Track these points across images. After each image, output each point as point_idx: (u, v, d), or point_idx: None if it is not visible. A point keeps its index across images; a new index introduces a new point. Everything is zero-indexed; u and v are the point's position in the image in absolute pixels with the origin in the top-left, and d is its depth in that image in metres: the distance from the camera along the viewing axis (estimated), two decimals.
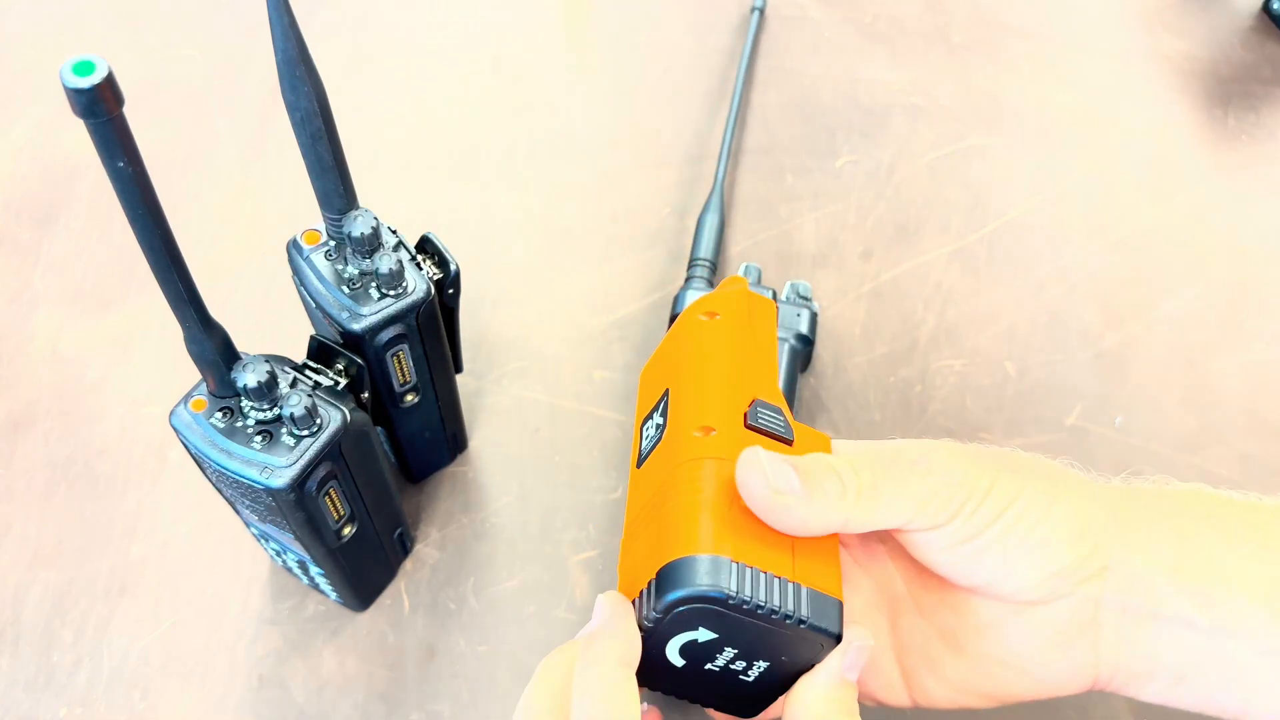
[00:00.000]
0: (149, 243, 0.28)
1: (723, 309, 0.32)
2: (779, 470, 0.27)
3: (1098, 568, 0.28)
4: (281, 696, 0.43)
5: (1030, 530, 0.28)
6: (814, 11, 0.72)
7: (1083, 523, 0.28)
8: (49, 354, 0.53)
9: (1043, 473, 0.30)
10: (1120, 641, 0.28)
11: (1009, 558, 0.28)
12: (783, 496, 0.26)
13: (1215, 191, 0.64)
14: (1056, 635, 0.29)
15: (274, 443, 0.34)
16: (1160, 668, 0.28)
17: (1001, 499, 0.28)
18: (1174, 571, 0.28)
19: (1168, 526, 0.29)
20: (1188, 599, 0.28)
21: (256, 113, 0.64)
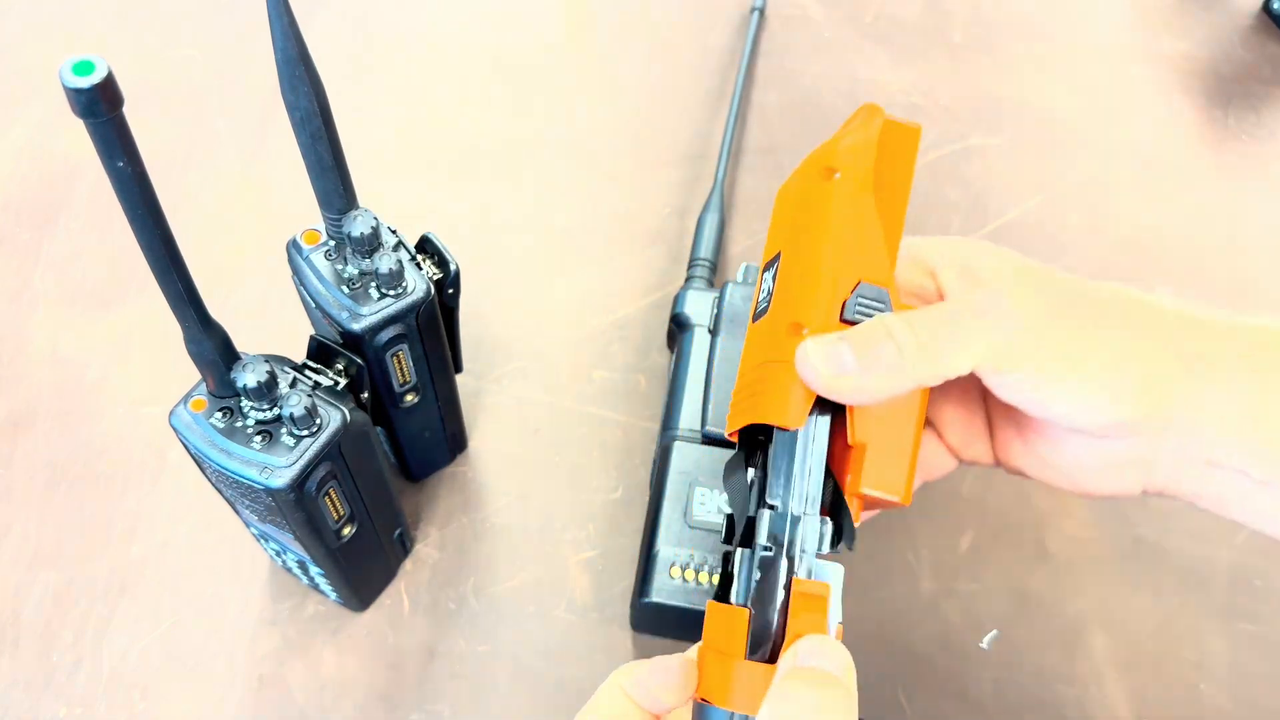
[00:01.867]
0: (149, 243, 0.28)
1: (845, 164, 0.30)
2: (830, 356, 0.27)
3: (1161, 419, 0.28)
4: (281, 696, 0.43)
5: (1100, 386, 0.28)
6: (814, 11, 0.72)
7: (1156, 379, 0.28)
8: (49, 354, 0.53)
9: (1124, 320, 0.29)
10: (1170, 474, 0.30)
11: (1071, 408, 0.28)
12: (839, 380, 0.27)
13: (1215, 191, 0.64)
14: (1111, 462, 0.30)
15: (274, 443, 0.34)
16: (1206, 498, 0.30)
17: (1073, 354, 0.28)
18: (1239, 427, 0.28)
19: (1249, 379, 0.28)
20: (1246, 453, 0.28)
21: (256, 113, 0.64)
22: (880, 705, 0.44)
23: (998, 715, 0.44)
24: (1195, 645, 0.46)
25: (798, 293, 0.29)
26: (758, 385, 0.29)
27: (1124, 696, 0.45)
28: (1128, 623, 0.47)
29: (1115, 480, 0.30)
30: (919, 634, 0.46)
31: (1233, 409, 0.28)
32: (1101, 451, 0.30)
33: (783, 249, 0.31)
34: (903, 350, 0.27)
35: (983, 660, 0.46)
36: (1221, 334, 0.29)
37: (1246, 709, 0.45)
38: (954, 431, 0.34)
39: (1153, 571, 0.48)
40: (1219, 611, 0.47)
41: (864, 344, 0.27)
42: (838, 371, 0.27)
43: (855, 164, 0.30)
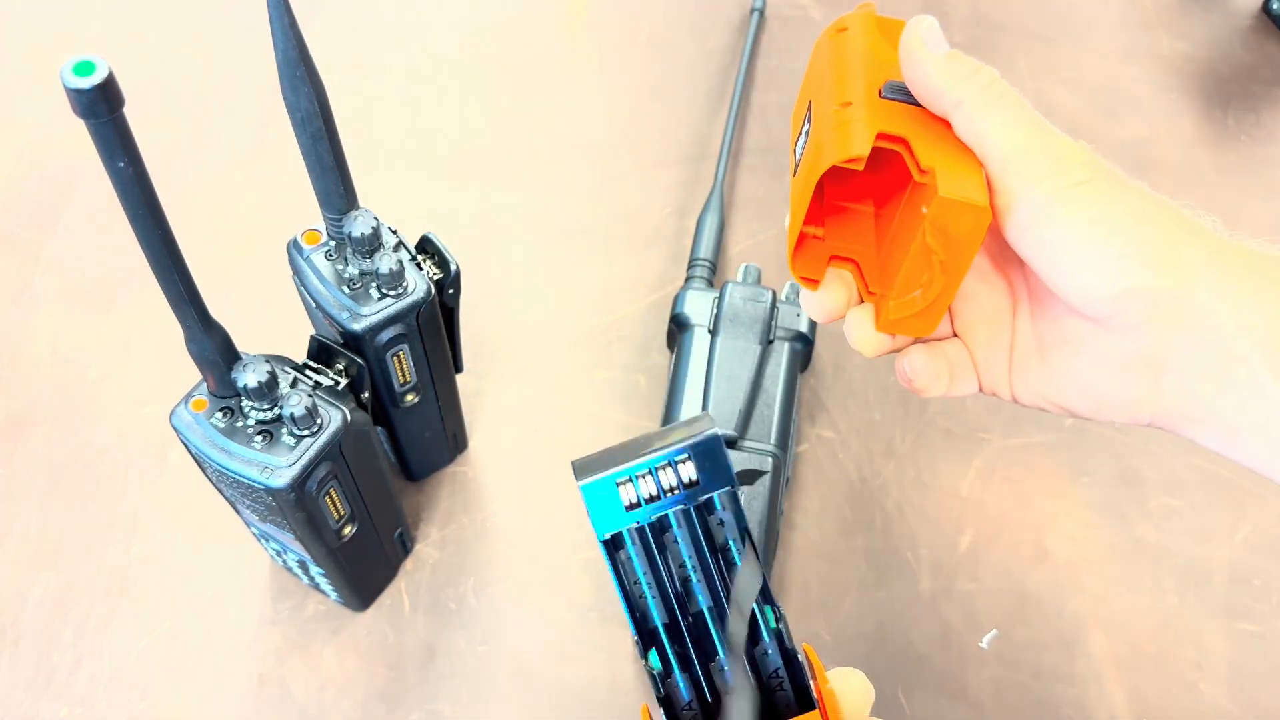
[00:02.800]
0: (149, 243, 0.28)
1: (851, 23, 0.34)
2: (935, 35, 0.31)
3: (1172, 305, 0.27)
4: (281, 696, 0.43)
5: (1111, 235, 0.27)
6: (814, 11, 0.72)
7: (1172, 255, 0.27)
8: (49, 354, 0.53)
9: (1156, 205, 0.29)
10: (1180, 389, 0.28)
11: (1082, 255, 0.28)
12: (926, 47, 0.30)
13: (1214, 192, 0.64)
14: (1121, 364, 0.29)
15: (274, 443, 0.34)
16: (1216, 420, 0.28)
17: (1094, 195, 0.28)
18: (1266, 339, 0.27)
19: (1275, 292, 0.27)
20: (1269, 369, 0.27)
21: (256, 113, 0.64)
22: (880, 705, 0.44)
23: (997, 715, 0.44)
24: (1195, 644, 0.46)
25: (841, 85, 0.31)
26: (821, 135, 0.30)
27: (1124, 696, 0.45)
28: (1127, 622, 0.47)
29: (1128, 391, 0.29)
30: (918, 634, 0.46)
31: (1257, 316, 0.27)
32: (1111, 349, 0.29)
33: (812, 98, 0.33)
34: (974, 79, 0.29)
35: (982, 660, 0.46)
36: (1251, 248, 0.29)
37: (1246, 708, 0.45)
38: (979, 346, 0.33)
39: (1153, 571, 0.48)
40: (1218, 611, 0.47)
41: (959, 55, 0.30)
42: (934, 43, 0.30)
43: (862, 21, 0.33)
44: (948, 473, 0.51)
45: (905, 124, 0.29)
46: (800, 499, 0.50)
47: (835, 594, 0.47)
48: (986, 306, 0.33)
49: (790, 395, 0.48)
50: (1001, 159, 0.28)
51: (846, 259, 0.33)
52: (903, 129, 0.29)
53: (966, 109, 0.29)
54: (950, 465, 0.51)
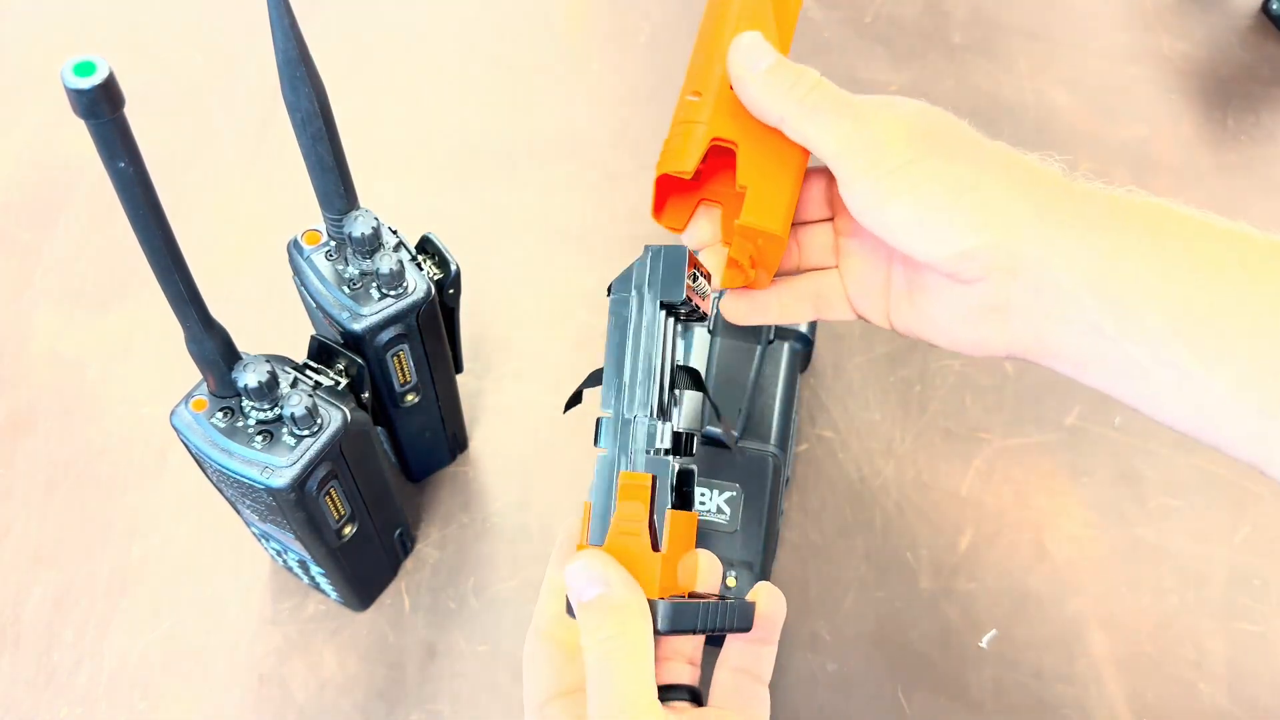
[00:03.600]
0: (149, 243, 0.28)
1: None
2: (756, 50, 0.32)
3: (1007, 259, 0.30)
4: (282, 695, 0.43)
5: (936, 211, 0.30)
6: (814, 12, 0.72)
7: (998, 216, 0.30)
8: (49, 354, 0.53)
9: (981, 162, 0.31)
10: (1026, 330, 0.31)
11: (912, 230, 0.30)
12: (749, 71, 0.31)
13: (1214, 192, 0.64)
14: (969, 312, 0.32)
15: (275, 442, 0.34)
16: (1064, 356, 0.31)
17: (916, 175, 0.30)
18: (1094, 281, 0.29)
19: (1106, 238, 0.29)
20: (1099, 308, 0.29)
21: (256, 113, 0.64)
22: (880, 704, 0.44)
23: (997, 715, 0.44)
24: (1195, 644, 0.46)
25: (694, 67, 0.34)
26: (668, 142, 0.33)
27: (1123, 696, 0.45)
28: (1127, 622, 0.47)
29: (981, 331, 0.32)
30: (918, 634, 0.46)
31: (1083, 257, 0.29)
32: (959, 298, 0.32)
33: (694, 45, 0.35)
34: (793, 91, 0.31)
35: (982, 660, 0.46)
36: (1081, 195, 0.31)
37: (1245, 708, 0.45)
38: (854, 281, 0.36)
39: (1152, 571, 0.48)
40: (1218, 611, 0.47)
41: (781, 64, 0.32)
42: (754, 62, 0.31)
43: None
44: (948, 473, 0.51)
45: (741, 126, 0.32)
46: (800, 499, 0.50)
47: (835, 594, 0.47)
48: (864, 250, 0.35)
49: (790, 395, 0.48)
50: (830, 157, 0.31)
51: (715, 201, 0.36)
52: (737, 132, 0.32)
53: (790, 122, 0.31)
54: (950, 465, 0.51)
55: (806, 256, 0.37)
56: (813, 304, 0.37)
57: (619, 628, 0.29)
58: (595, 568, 0.29)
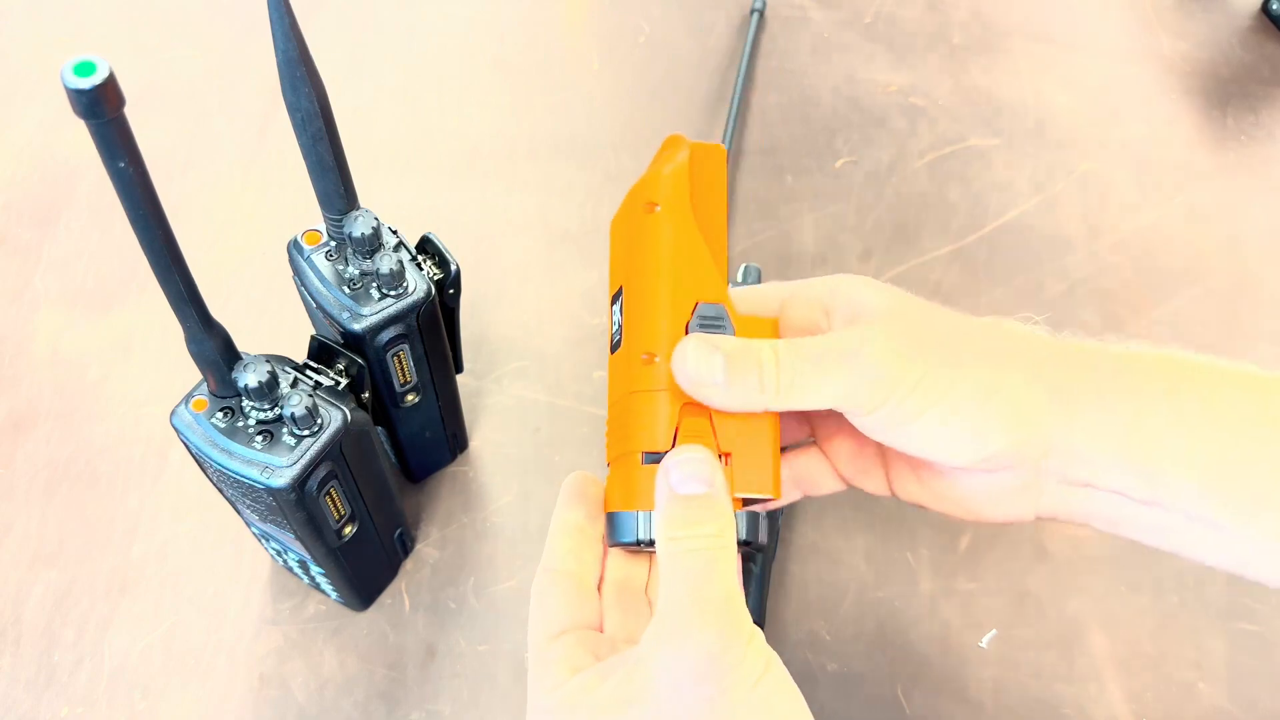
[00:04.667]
0: (150, 243, 0.28)
1: (663, 196, 0.33)
2: (704, 363, 0.29)
3: (1037, 449, 0.29)
4: (282, 696, 0.44)
5: (962, 422, 0.29)
6: (814, 12, 0.72)
7: (1022, 410, 0.29)
8: (49, 354, 0.53)
9: (988, 357, 0.30)
10: (1058, 501, 0.30)
11: (938, 445, 0.29)
12: (705, 389, 0.29)
13: (1214, 192, 0.64)
14: (993, 492, 0.31)
15: (275, 442, 0.34)
16: (1096, 518, 0.30)
17: (930, 394, 0.29)
18: (1118, 450, 0.29)
19: (1121, 405, 0.29)
20: (1126, 475, 0.29)
21: (256, 113, 0.64)
22: (880, 705, 0.44)
23: (997, 715, 0.44)
24: (1194, 645, 0.46)
25: (644, 324, 0.32)
26: (627, 416, 0.31)
27: (1123, 696, 0.45)
28: (1127, 622, 0.47)
29: (1007, 508, 0.31)
30: (918, 634, 0.46)
31: (1105, 433, 0.29)
32: (989, 483, 0.31)
33: (623, 284, 0.33)
34: (764, 381, 0.29)
35: (982, 660, 0.46)
36: (1089, 363, 0.30)
37: (1245, 709, 0.45)
38: (845, 462, 0.35)
39: (1152, 571, 0.48)
40: (1218, 611, 0.47)
41: (736, 364, 0.29)
42: (707, 379, 0.29)
43: (672, 194, 0.32)
44: None
45: None
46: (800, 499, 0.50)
47: (835, 594, 0.47)
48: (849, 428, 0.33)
49: None
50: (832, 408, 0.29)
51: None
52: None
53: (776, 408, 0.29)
54: None
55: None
56: (798, 488, 0.36)
57: (721, 529, 0.27)
58: (702, 464, 0.28)
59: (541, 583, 0.31)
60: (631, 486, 0.30)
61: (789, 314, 0.33)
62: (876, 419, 0.29)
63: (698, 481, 0.28)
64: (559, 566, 0.31)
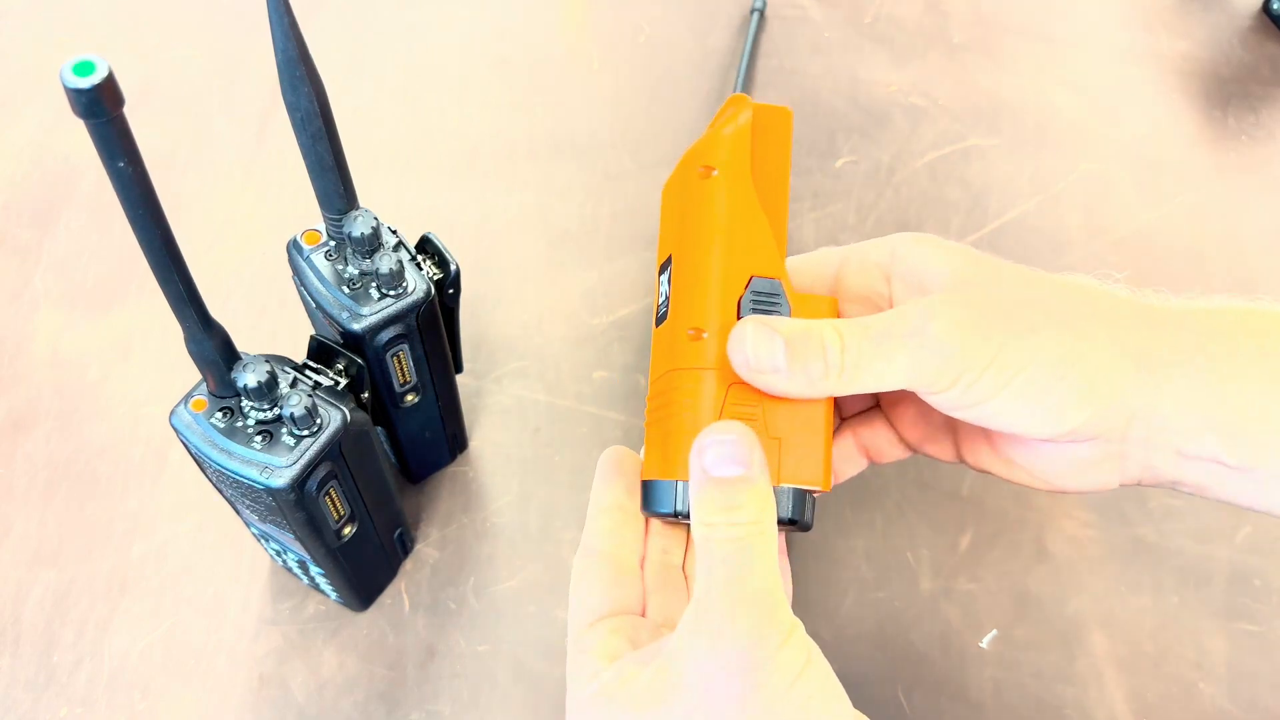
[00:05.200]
0: (149, 243, 0.28)
1: (721, 159, 0.30)
2: (762, 350, 0.28)
3: (1122, 419, 0.28)
4: (281, 696, 0.43)
5: (1041, 397, 0.27)
6: (814, 12, 0.72)
7: (1106, 380, 0.27)
8: (49, 354, 0.53)
9: (1066, 322, 0.28)
10: (1144, 467, 0.29)
11: (1017, 421, 0.28)
12: (765, 375, 0.28)
13: (1215, 191, 0.64)
14: (1081, 462, 0.29)
15: (274, 442, 0.34)
16: (1184, 483, 0.29)
17: (1005, 371, 0.27)
18: (1208, 415, 0.28)
19: (1209, 366, 0.28)
20: (1217, 440, 0.28)
21: (256, 113, 0.64)
22: (880, 705, 0.44)
23: (998, 715, 0.44)
24: (1195, 645, 0.46)
25: (693, 297, 0.30)
26: (670, 394, 0.29)
27: (1123, 696, 0.45)
28: (1127, 622, 0.47)
29: (1090, 478, 0.30)
30: (919, 634, 0.46)
31: (1195, 399, 0.28)
32: (1071, 454, 0.29)
33: (673, 252, 0.31)
34: (829, 366, 0.28)
35: (983, 660, 0.46)
36: (1175, 323, 0.29)
37: (1246, 709, 0.45)
38: (910, 429, 0.33)
39: (1153, 571, 0.48)
40: (1219, 611, 0.47)
41: (797, 348, 0.28)
42: (767, 366, 0.28)
43: (731, 158, 0.30)
44: (948, 473, 0.51)
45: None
46: None
47: (835, 594, 0.47)
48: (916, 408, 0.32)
49: None
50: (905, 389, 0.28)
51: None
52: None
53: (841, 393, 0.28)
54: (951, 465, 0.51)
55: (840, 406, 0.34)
56: (864, 456, 0.34)
57: (759, 514, 0.26)
58: (739, 444, 0.26)
59: (580, 565, 0.30)
60: (670, 452, 0.29)
61: (847, 282, 0.31)
62: (949, 397, 0.28)
63: (734, 463, 0.26)
64: (598, 546, 0.30)
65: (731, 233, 0.30)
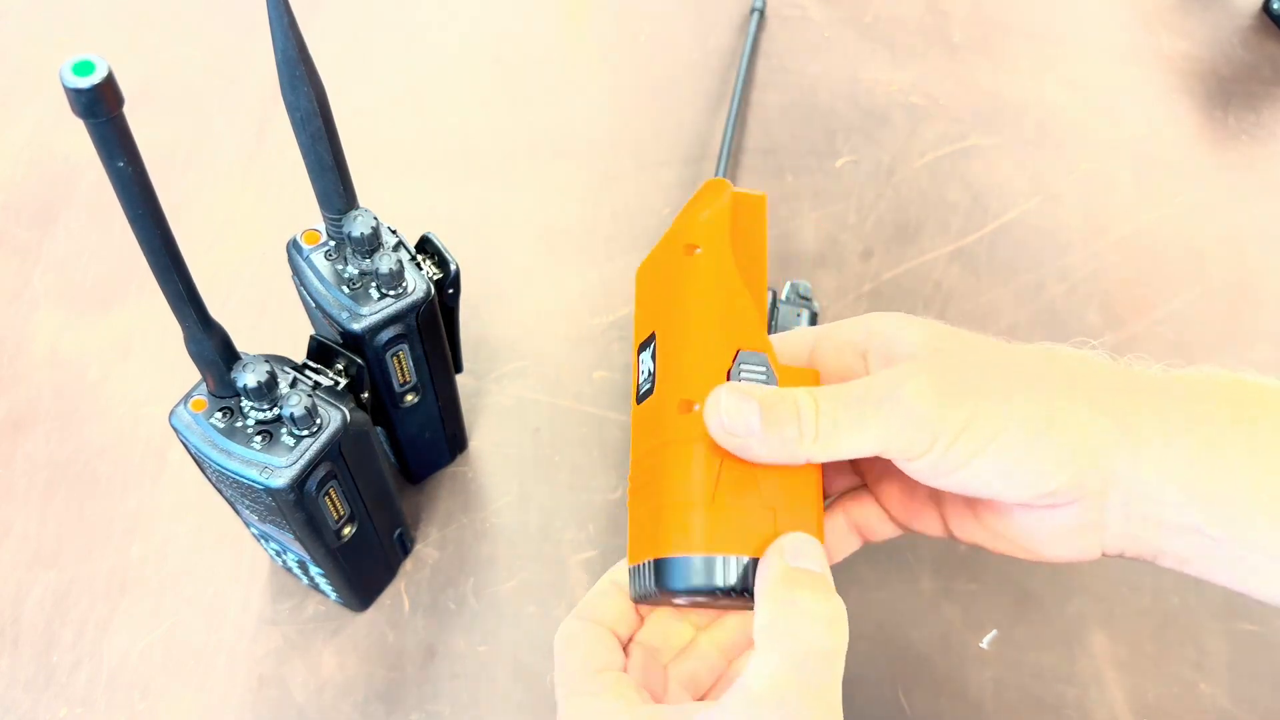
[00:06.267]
0: (149, 243, 0.28)
1: (704, 238, 0.31)
2: (739, 412, 0.28)
3: (1097, 482, 0.28)
4: (281, 696, 0.43)
5: (1017, 460, 0.27)
6: (814, 11, 0.72)
7: (1082, 443, 0.27)
8: (49, 354, 0.53)
9: (1041, 387, 0.28)
10: (1125, 537, 0.29)
11: (993, 486, 0.28)
12: (740, 439, 0.28)
13: (1215, 191, 0.64)
14: (1062, 531, 0.29)
15: (274, 443, 0.34)
16: (1166, 555, 0.29)
17: (980, 435, 0.27)
18: (1187, 483, 0.27)
19: (1189, 434, 0.27)
20: (1197, 509, 0.27)
21: (256, 113, 0.64)
22: (880, 705, 0.44)
23: (998, 715, 0.44)
24: (1194, 645, 0.46)
25: (683, 370, 0.30)
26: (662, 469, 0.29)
27: (1124, 696, 0.45)
28: (1127, 622, 0.47)
29: (1072, 546, 0.30)
30: (919, 634, 0.46)
31: (1176, 468, 0.28)
32: (1050, 520, 0.29)
33: (656, 329, 0.32)
34: (803, 433, 0.28)
35: (983, 660, 0.46)
36: (1155, 390, 0.29)
37: (1246, 709, 0.45)
38: (896, 505, 0.34)
39: (1153, 571, 0.48)
40: (1218, 611, 0.47)
41: (772, 413, 0.28)
42: (742, 430, 0.28)
43: (713, 237, 0.31)
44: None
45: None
46: None
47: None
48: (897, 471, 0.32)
49: None
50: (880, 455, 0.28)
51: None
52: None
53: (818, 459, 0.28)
54: None
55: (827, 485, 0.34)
56: (857, 534, 0.34)
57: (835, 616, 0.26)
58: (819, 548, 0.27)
59: (571, 628, 0.30)
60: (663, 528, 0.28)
61: (821, 360, 0.32)
62: (924, 464, 0.27)
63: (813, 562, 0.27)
64: (590, 616, 0.30)
65: (718, 307, 0.30)
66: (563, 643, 0.30)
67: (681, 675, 0.31)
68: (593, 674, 0.28)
